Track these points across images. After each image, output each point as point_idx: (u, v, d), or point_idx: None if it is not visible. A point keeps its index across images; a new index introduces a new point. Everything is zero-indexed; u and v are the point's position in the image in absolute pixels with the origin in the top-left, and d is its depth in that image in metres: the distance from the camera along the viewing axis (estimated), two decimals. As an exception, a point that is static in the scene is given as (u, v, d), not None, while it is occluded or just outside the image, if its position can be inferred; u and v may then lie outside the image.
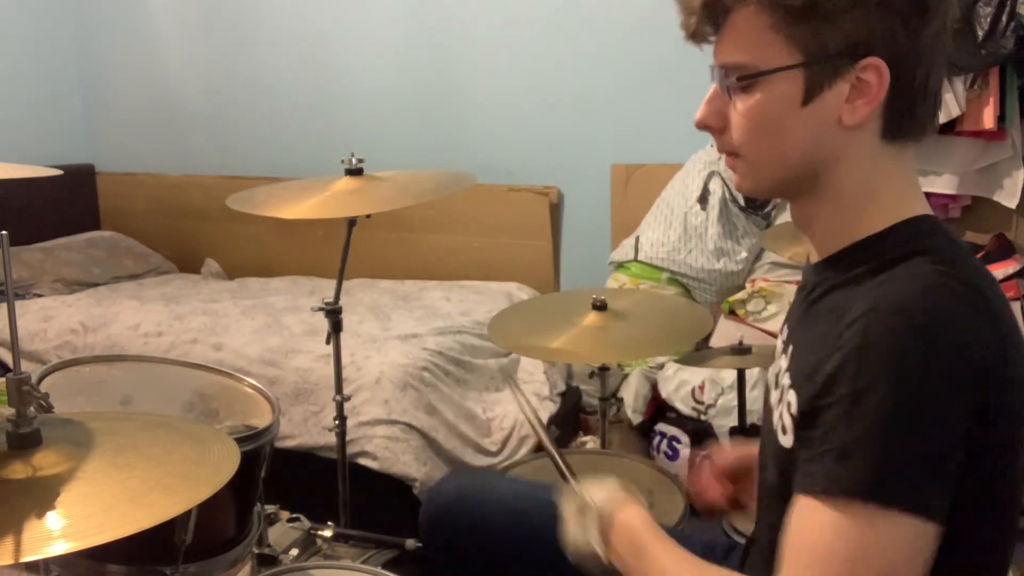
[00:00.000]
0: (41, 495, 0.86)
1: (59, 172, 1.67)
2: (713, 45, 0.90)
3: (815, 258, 0.94)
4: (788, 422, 0.86)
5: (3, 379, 1.03)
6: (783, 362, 0.95)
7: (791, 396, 0.87)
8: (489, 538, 1.20)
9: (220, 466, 0.96)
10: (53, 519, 0.84)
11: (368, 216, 1.74)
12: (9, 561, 0.77)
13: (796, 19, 0.82)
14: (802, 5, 0.81)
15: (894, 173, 0.89)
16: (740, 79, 0.86)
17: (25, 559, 0.79)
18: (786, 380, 0.90)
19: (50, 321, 2.91)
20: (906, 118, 0.87)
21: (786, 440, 0.86)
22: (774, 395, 0.96)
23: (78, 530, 0.83)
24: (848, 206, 0.89)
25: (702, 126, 0.92)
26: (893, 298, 0.78)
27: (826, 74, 0.84)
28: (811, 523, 0.78)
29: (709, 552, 1.20)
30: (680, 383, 2.54)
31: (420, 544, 1.61)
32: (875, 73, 0.83)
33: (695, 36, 0.90)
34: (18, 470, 0.90)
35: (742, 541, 1.16)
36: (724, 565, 0.94)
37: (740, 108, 0.87)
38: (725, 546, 1.22)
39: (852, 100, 0.84)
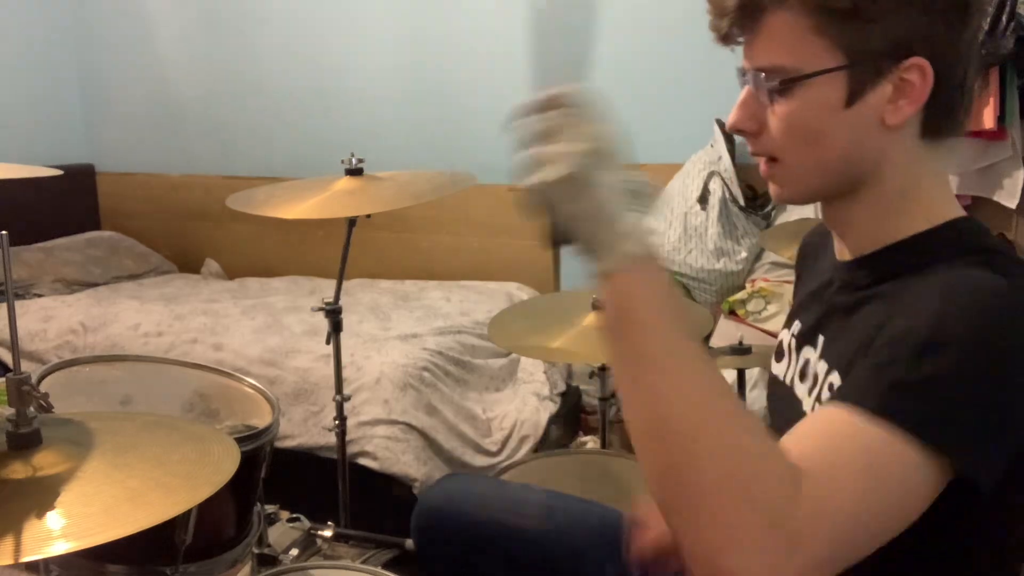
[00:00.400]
0: (41, 495, 0.86)
1: (59, 172, 1.67)
2: (743, 47, 0.88)
3: (847, 256, 0.94)
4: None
5: (3, 379, 1.03)
6: (810, 353, 0.95)
7: (834, 377, 0.87)
8: (479, 542, 1.20)
9: (220, 466, 0.96)
10: (53, 519, 0.84)
11: (368, 216, 1.74)
12: (9, 561, 0.77)
13: (840, 20, 0.81)
14: (846, 7, 0.80)
15: (932, 171, 0.89)
16: (784, 82, 0.84)
17: (25, 559, 0.79)
18: (822, 366, 0.91)
19: (50, 321, 2.91)
20: (945, 116, 0.87)
21: None
22: (800, 388, 0.96)
23: (78, 530, 0.83)
24: (888, 206, 0.89)
25: (736, 130, 0.91)
26: (971, 280, 0.78)
27: (869, 75, 0.83)
28: (844, 426, 0.71)
29: None
30: (680, 383, 2.54)
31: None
32: (919, 73, 0.82)
33: (726, 39, 0.88)
34: (18, 470, 0.90)
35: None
36: None
37: (780, 112, 0.86)
38: None
39: (895, 100, 0.83)
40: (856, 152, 0.86)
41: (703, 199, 2.77)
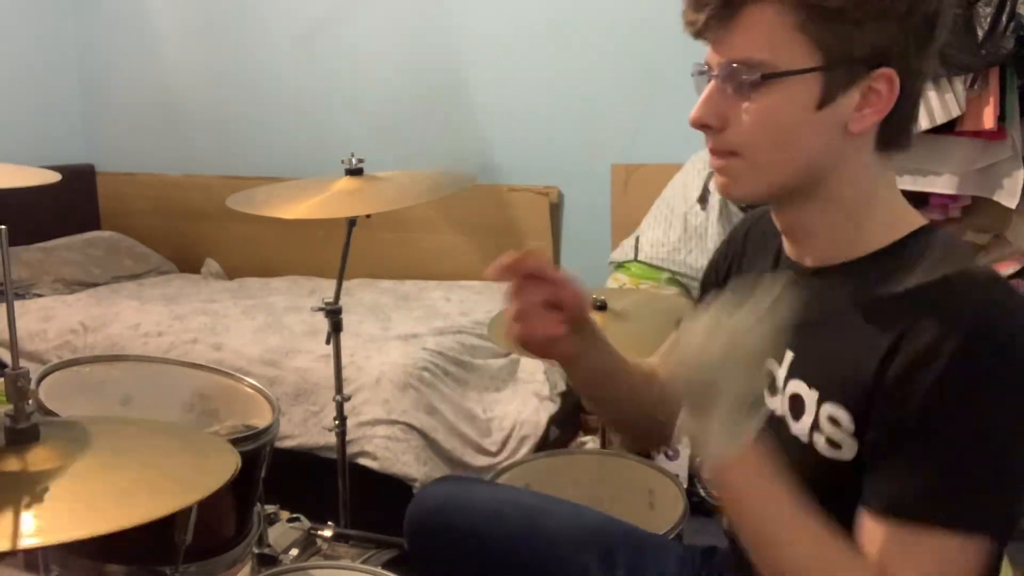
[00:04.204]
0: (29, 489, 0.86)
1: (57, 177, 1.67)
2: (713, 42, 0.87)
3: (807, 261, 0.94)
4: (837, 436, 0.86)
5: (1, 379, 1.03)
6: (775, 368, 0.94)
7: (834, 411, 0.86)
8: (473, 545, 1.19)
9: (215, 472, 0.95)
10: (35, 512, 0.83)
11: (368, 216, 1.74)
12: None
13: (826, 20, 0.82)
14: (836, 7, 0.81)
15: (886, 183, 0.91)
16: (765, 76, 0.83)
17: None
18: (801, 388, 0.90)
19: (50, 321, 2.91)
20: (900, 131, 0.89)
21: (842, 453, 0.86)
22: (771, 401, 0.94)
23: (58, 525, 0.82)
24: (849, 213, 0.89)
25: (699, 125, 0.90)
26: (971, 319, 0.79)
27: (843, 80, 0.84)
28: (921, 546, 0.79)
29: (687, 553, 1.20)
30: (680, 383, 2.53)
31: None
32: (887, 84, 0.84)
33: (703, 31, 0.87)
34: (10, 464, 0.89)
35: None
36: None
37: (752, 108, 0.85)
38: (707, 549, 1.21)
39: (861, 109, 0.85)
40: (819, 155, 0.87)
41: (703, 199, 2.77)
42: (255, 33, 3.67)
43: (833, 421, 0.86)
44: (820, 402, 0.87)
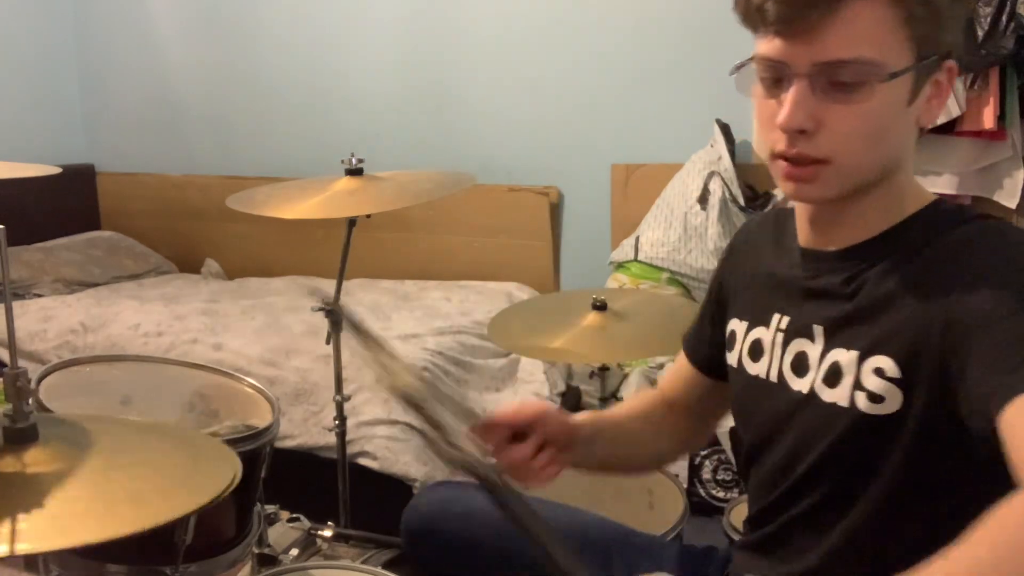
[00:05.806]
0: (27, 491, 0.85)
1: (57, 170, 1.67)
2: (797, 39, 0.81)
3: (829, 246, 0.93)
4: (881, 387, 0.85)
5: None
6: (805, 345, 0.94)
7: (879, 362, 0.85)
8: (469, 551, 1.19)
9: (215, 475, 0.95)
10: (35, 516, 0.82)
11: (368, 216, 1.74)
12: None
13: (927, 18, 0.80)
14: (944, 4, 0.80)
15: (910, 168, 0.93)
16: (891, 76, 0.80)
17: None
18: (840, 355, 0.89)
19: (50, 321, 2.91)
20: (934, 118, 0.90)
21: (885, 406, 0.85)
22: (799, 381, 0.94)
23: (54, 530, 0.81)
24: (891, 200, 0.90)
25: (795, 130, 0.83)
26: (999, 233, 0.82)
27: (924, 75, 0.84)
28: None
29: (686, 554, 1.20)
30: (680, 383, 2.53)
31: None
32: (949, 75, 0.85)
33: (791, 28, 0.80)
34: (8, 464, 0.89)
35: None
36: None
37: (853, 110, 0.82)
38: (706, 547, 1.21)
39: (930, 100, 0.86)
40: (900, 150, 0.88)
41: (703, 199, 2.76)
42: (255, 33, 3.67)
43: (878, 372, 0.85)
44: (862, 359, 0.87)
